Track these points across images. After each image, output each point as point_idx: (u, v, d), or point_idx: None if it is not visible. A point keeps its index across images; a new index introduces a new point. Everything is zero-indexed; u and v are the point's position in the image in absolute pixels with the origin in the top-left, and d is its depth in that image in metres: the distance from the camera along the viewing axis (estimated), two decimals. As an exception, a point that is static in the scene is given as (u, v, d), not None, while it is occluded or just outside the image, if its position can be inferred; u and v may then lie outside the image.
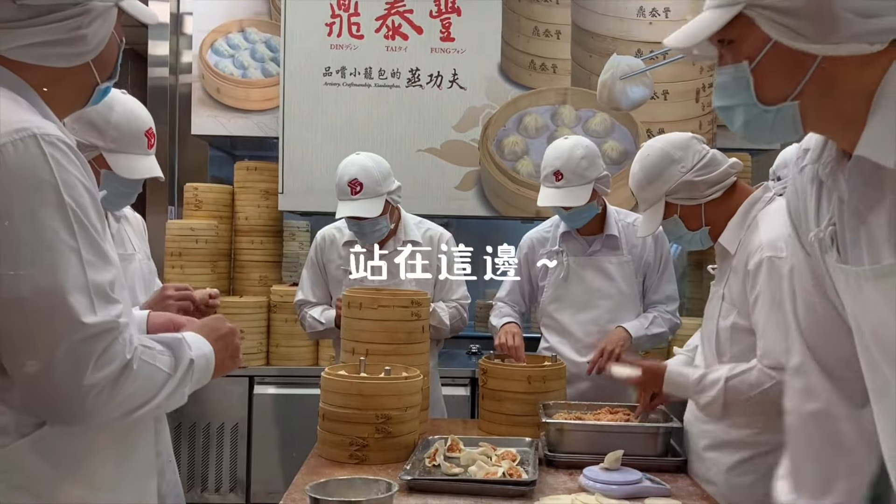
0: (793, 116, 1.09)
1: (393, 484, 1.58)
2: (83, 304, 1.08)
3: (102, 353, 1.09)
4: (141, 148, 2.14)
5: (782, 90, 1.08)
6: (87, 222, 1.12)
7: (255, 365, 4.04)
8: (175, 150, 4.88)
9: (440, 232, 3.07)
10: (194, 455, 4.00)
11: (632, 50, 4.13)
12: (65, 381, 1.07)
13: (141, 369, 1.16)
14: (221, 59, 4.45)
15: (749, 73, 1.09)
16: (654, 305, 2.81)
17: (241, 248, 4.31)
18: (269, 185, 4.27)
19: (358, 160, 2.88)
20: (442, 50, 4.22)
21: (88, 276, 1.10)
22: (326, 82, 4.19)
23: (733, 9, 1.09)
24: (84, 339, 1.07)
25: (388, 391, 2.09)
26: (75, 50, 1.21)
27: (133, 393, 1.15)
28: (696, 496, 1.85)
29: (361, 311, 2.35)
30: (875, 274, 1.08)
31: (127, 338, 1.14)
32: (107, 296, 1.12)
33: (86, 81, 1.27)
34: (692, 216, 2.06)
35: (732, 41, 1.11)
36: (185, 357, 1.27)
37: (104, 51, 1.26)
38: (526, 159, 4.22)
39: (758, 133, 1.14)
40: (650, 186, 2.08)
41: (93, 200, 1.15)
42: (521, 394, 2.38)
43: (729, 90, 1.13)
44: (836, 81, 1.05)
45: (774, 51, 1.07)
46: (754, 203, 2.00)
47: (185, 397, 1.29)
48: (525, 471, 1.89)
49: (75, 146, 1.16)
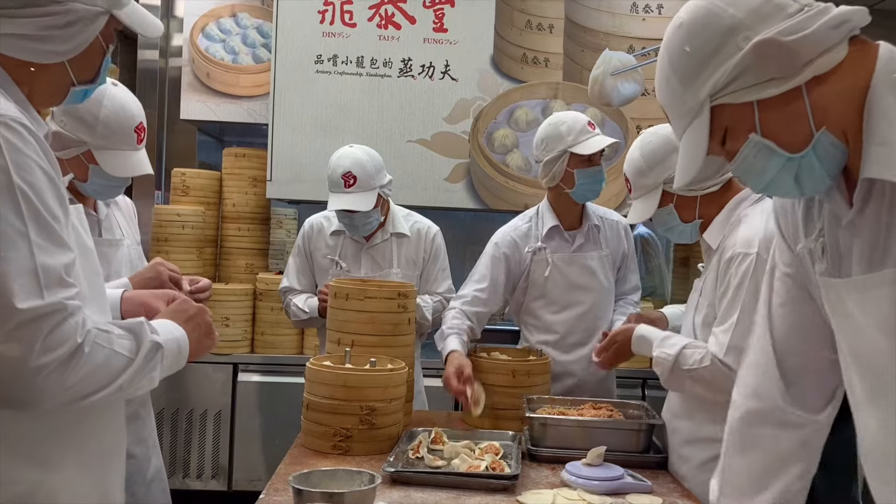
0: (830, 142, 1.07)
1: (376, 476, 1.59)
2: (26, 287, 1.07)
3: (49, 336, 1.08)
4: (130, 144, 2.11)
5: (802, 130, 1.07)
6: (39, 205, 1.11)
7: (240, 352, 4.03)
8: (163, 135, 4.84)
9: (428, 225, 3.07)
10: (177, 441, 3.99)
11: (624, 46, 4.14)
12: (10, 365, 1.07)
13: (94, 353, 1.15)
14: (212, 44, 4.42)
15: (763, 138, 1.09)
16: (623, 296, 2.82)
17: (227, 235, 4.30)
18: (257, 172, 4.26)
19: (352, 153, 2.86)
20: (435, 41, 4.21)
21: (37, 259, 1.09)
22: (318, 70, 4.17)
23: (704, 112, 1.11)
24: (23, 323, 1.06)
25: (373, 383, 2.09)
26: (48, 48, 1.20)
27: (86, 377, 1.14)
28: (676, 493, 1.87)
29: (348, 302, 2.34)
30: (857, 285, 1.09)
31: (79, 321, 1.13)
32: (59, 279, 1.11)
33: (61, 80, 1.26)
34: (687, 207, 2.06)
35: (725, 133, 1.12)
36: (146, 340, 1.26)
37: (85, 54, 1.25)
38: (516, 153, 4.22)
39: (812, 179, 1.11)
40: (650, 173, 2.07)
41: (50, 183, 1.14)
42: (506, 387, 2.39)
43: (760, 166, 1.11)
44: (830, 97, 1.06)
45: (764, 108, 1.08)
46: (741, 201, 2.01)
47: (155, 381, 1.29)
48: (508, 465, 1.89)
49: (36, 129, 1.15)
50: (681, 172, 1.18)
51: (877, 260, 1.06)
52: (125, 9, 1.30)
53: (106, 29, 1.28)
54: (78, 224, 1.30)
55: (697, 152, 1.13)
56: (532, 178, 4.18)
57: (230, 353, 3.99)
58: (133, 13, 1.32)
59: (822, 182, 1.11)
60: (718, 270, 1.94)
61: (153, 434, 2.42)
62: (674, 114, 1.17)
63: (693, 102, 1.12)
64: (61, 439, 1.23)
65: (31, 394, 1.10)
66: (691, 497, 1.85)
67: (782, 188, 1.14)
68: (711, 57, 1.08)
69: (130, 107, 2.10)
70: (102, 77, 1.33)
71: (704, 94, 1.10)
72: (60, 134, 2.03)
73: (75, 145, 2.05)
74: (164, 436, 3.90)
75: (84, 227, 1.35)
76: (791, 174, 1.10)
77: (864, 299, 1.08)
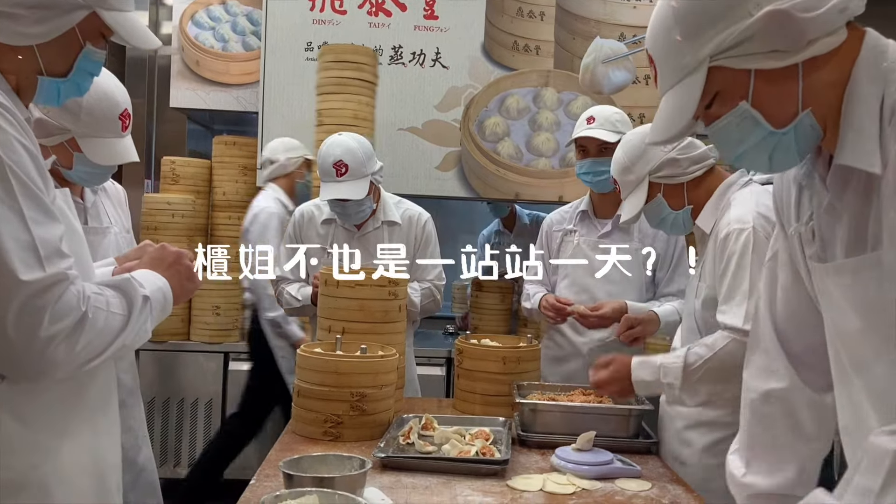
0: (811, 124, 1.08)
1: (366, 461, 1.59)
2: (27, 261, 1.09)
3: (55, 305, 1.11)
4: (114, 131, 2.08)
5: (790, 107, 1.08)
6: (27, 180, 1.12)
7: (231, 341, 4.03)
8: (153, 123, 4.82)
9: (419, 212, 3.06)
10: (168, 430, 3.99)
11: (615, 34, 4.14)
12: (21, 338, 1.09)
13: (97, 317, 1.18)
14: (202, 32, 4.40)
15: (752, 108, 1.09)
16: (665, 298, 2.77)
17: (217, 224, 4.28)
18: (247, 161, 4.24)
19: (342, 141, 2.84)
20: (425, 28, 4.19)
21: (34, 233, 1.11)
22: (308, 57, 4.15)
23: (700, 70, 1.09)
24: (32, 296, 1.09)
25: (363, 369, 2.09)
26: (15, 28, 1.19)
27: (92, 341, 1.17)
28: (665, 478, 1.88)
29: (338, 290, 2.34)
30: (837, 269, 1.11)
31: (80, 289, 1.16)
32: (57, 250, 1.14)
33: (29, 66, 1.25)
34: (675, 195, 2.08)
35: (715, 97, 1.11)
36: (138, 295, 1.29)
37: (58, 44, 1.24)
38: (507, 141, 4.22)
39: (785, 157, 1.12)
40: (634, 167, 2.10)
41: (33, 159, 1.15)
42: (496, 374, 2.39)
43: (739, 135, 1.11)
44: (820, 80, 1.07)
45: (760, 79, 1.07)
46: (730, 185, 2.03)
47: (148, 333, 1.33)
48: (498, 450, 1.90)
49: (16, 109, 1.15)
50: (661, 129, 1.16)
51: (855, 245, 1.08)
52: (112, 13, 1.27)
53: (87, 25, 1.26)
54: (65, 207, 1.30)
55: (684, 111, 1.12)
56: (523, 166, 4.18)
57: (221, 341, 3.98)
58: (124, 21, 1.30)
59: (792, 161, 1.13)
60: (715, 252, 1.95)
61: (142, 424, 2.42)
62: (665, 67, 1.15)
63: (691, 59, 1.10)
64: (55, 425, 1.24)
65: (42, 364, 1.12)
66: (680, 482, 1.86)
67: (754, 161, 1.15)
68: (721, 17, 1.07)
69: (114, 94, 2.08)
70: (79, 76, 1.31)
71: (705, 53, 1.09)
72: (44, 121, 2.01)
73: (59, 133, 2.03)
74: (154, 425, 3.90)
75: (72, 211, 1.35)
76: (767, 149, 1.11)
77: (843, 283, 1.10)
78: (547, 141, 4.20)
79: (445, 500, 1.64)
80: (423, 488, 1.71)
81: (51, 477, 1.22)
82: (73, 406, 1.28)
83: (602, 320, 2.55)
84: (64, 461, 1.25)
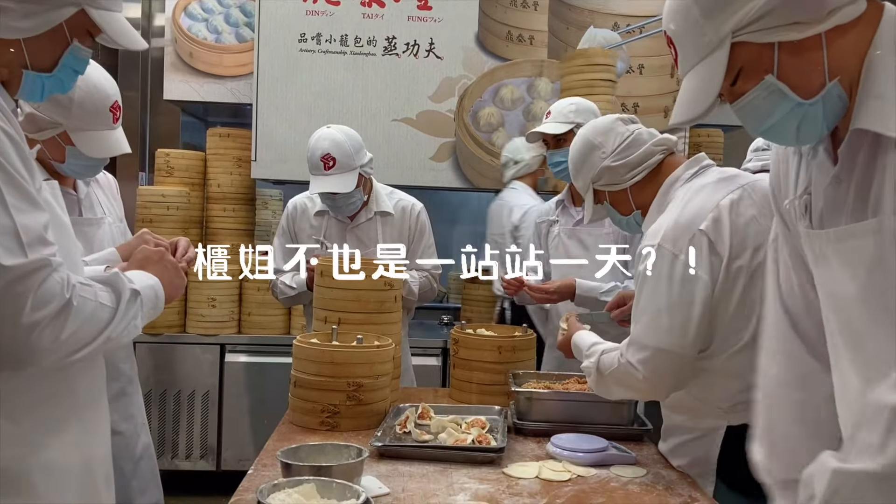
0: (838, 94, 1.08)
1: (363, 450, 1.60)
2: (8, 247, 1.09)
3: (37, 290, 1.10)
4: (106, 124, 2.08)
5: (816, 78, 1.08)
6: (9, 167, 1.12)
7: (227, 333, 4.03)
8: (147, 116, 4.81)
9: (412, 202, 3.07)
10: (165, 422, 4.00)
11: (609, 23, 4.14)
12: (3, 324, 1.09)
13: (82, 306, 1.17)
14: (195, 23, 4.38)
15: (778, 81, 1.09)
16: None
17: (212, 216, 4.28)
18: (241, 153, 4.24)
19: (329, 134, 2.84)
20: (419, 18, 4.18)
21: (16, 219, 1.10)
22: (301, 49, 4.14)
23: (723, 47, 1.09)
24: (13, 281, 1.08)
25: (359, 359, 2.10)
26: (3, 21, 1.19)
27: (77, 330, 1.17)
28: (660, 464, 1.89)
29: (334, 281, 2.35)
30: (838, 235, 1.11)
31: (63, 276, 1.15)
32: (39, 237, 1.13)
33: (14, 59, 1.24)
34: (621, 201, 2.01)
35: (739, 72, 1.11)
36: (126, 289, 1.29)
37: (44, 39, 1.24)
38: (502, 131, 4.22)
39: (813, 128, 1.11)
40: (578, 175, 2.06)
41: (14, 146, 1.14)
42: (492, 363, 2.41)
43: (767, 108, 1.11)
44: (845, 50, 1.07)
45: (784, 51, 1.08)
46: (674, 182, 1.91)
47: (138, 328, 1.33)
48: (494, 438, 1.91)
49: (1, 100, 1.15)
50: (685, 108, 1.16)
51: (857, 212, 1.08)
52: (100, 12, 1.28)
53: (75, 22, 1.26)
54: (52, 200, 1.29)
55: (710, 88, 1.12)
56: (518, 156, 4.19)
57: (217, 333, 3.99)
58: (112, 20, 1.30)
59: (820, 132, 1.12)
60: None
61: (141, 411, 2.43)
62: (687, 46, 1.15)
63: (713, 36, 1.10)
64: (42, 420, 1.24)
65: (27, 352, 1.12)
66: (675, 468, 1.87)
67: (782, 134, 1.14)
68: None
69: (104, 86, 2.07)
70: (64, 73, 1.30)
71: (728, 29, 1.09)
72: (34, 116, 2.01)
73: (50, 127, 2.02)
74: (152, 417, 3.91)
75: (59, 204, 1.34)
76: (795, 121, 1.11)
77: (843, 248, 1.10)
78: (541, 131, 4.21)
79: (442, 488, 1.65)
80: (420, 476, 1.72)
81: (35, 470, 1.23)
82: (60, 401, 1.28)
83: (548, 295, 2.70)
84: (50, 455, 1.25)
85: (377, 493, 1.58)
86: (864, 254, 1.07)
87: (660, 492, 1.70)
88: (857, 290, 1.09)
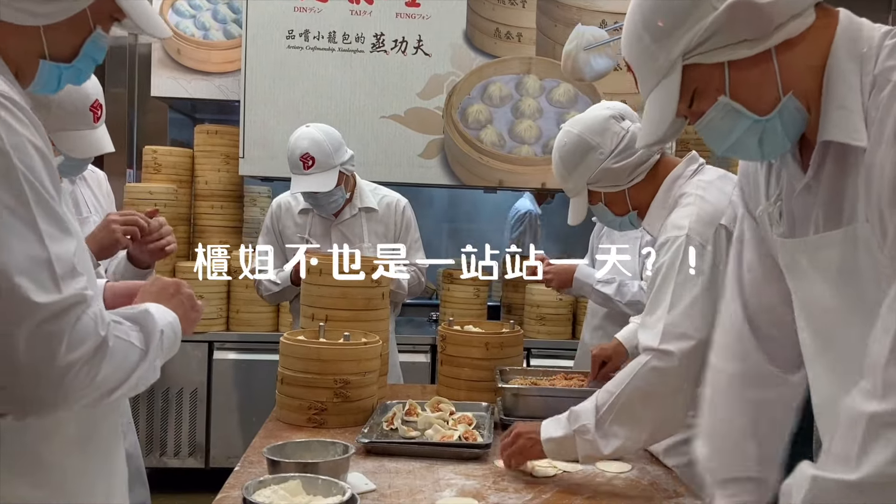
0: (795, 107, 1.09)
1: (350, 446, 1.61)
2: (41, 281, 0.97)
3: (73, 331, 0.99)
4: (87, 123, 2.05)
5: (770, 94, 1.09)
6: (41, 189, 1.00)
7: (215, 330, 4.03)
8: (134, 113, 4.79)
9: (396, 198, 3.08)
10: (153, 420, 3.99)
11: (596, 20, 4.14)
12: (36, 367, 0.97)
13: (116, 346, 1.06)
14: (182, 20, 4.36)
15: (732, 101, 1.10)
16: None
17: (200, 213, 4.27)
18: (229, 150, 4.23)
19: (308, 133, 2.83)
20: (407, 15, 4.18)
21: (50, 249, 0.99)
22: (289, 45, 4.13)
23: (675, 72, 1.11)
24: (47, 320, 0.97)
25: (346, 356, 2.10)
26: (21, 5, 1.08)
27: (111, 372, 1.06)
28: (645, 460, 1.91)
29: (321, 278, 2.35)
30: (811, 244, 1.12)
31: (97, 312, 1.04)
32: (71, 269, 1.01)
33: (32, 47, 1.13)
34: (617, 202, 1.99)
35: (694, 93, 1.12)
36: (156, 330, 1.18)
37: (65, 26, 1.13)
38: (490, 128, 4.22)
39: (774, 142, 1.12)
40: (570, 177, 1.99)
41: (45, 164, 1.03)
42: (479, 360, 2.41)
43: (726, 127, 1.12)
44: (797, 63, 1.08)
45: (735, 69, 1.09)
46: (675, 180, 1.90)
47: (158, 371, 1.21)
48: (481, 434, 1.93)
49: (24, 102, 1.05)
50: (647, 133, 1.18)
51: (830, 221, 1.09)
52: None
53: (99, 7, 1.15)
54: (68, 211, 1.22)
55: (666, 112, 1.14)
56: (506, 153, 4.19)
57: (205, 330, 3.98)
58: (137, 5, 1.20)
59: (783, 146, 1.13)
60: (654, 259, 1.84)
61: (127, 409, 2.42)
62: (643, 71, 1.17)
63: (665, 61, 1.12)
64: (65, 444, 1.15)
65: (59, 395, 1.00)
66: (660, 464, 1.89)
67: (745, 150, 1.16)
68: (686, 16, 1.08)
69: (85, 85, 2.03)
70: (83, 62, 1.19)
71: (677, 53, 1.10)
72: None
73: None
74: (140, 414, 3.90)
75: (71, 212, 1.22)
76: (755, 137, 1.12)
77: (817, 258, 1.12)
78: (529, 128, 4.21)
79: (428, 484, 1.66)
80: (407, 472, 1.73)
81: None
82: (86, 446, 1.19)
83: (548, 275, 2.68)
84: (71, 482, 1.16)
85: (363, 490, 1.58)
86: (838, 261, 1.08)
87: (644, 487, 1.72)
88: (832, 298, 1.10)
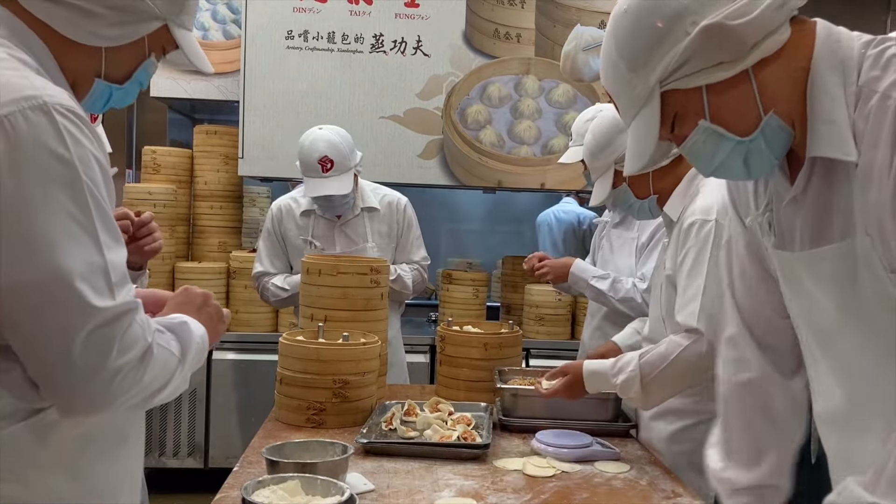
0: (778, 125, 1.08)
1: (348, 446, 1.61)
2: (99, 287, 1.02)
3: (123, 336, 1.04)
4: None
5: (751, 114, 1.08)
6: (102, 200, 1.05)
7: (214, 330, 4.02)
8: (133, 113, 4.79)
9: (397, 197, 3.08)
10: (152, 420, 3.99)
11: (595, 21, 4.15)
12: (89, 368, 1.02)
13: (159, 354, 1.11)
14: (181, 20, 4.36)
15: (712, 124, 1.09)
16: None
17: (200, 214, 4.27)
18: (229, 150, 4.23)
19: (324, 136, 2.81)
20: (406, 16, 4.18)
21: (107, 257, 1.04)
22: (288, 46, 4.14)
23: (653, 98, 1.10)
24: (102, 324, 1.02)
25: (345, 356, 2.10)
26: (90, 26, 1.14)
27: (153, 378, 1.11)
28: (643, 460, 1.91)
29: (320, 278, 2.35)
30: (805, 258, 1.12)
31: (144, 319, 1.09)
32: (123, 276, 1.07)
33: (90, 66, 1.19)
34: (641, 184, 2.05)
35: (675, 118, 1.12)
36: (192, 341, 1.22)
37: (124, 50, 1.20)
38: (489, 129, 4.23)
39: (760, 162, 1.12)
40: (601, 154, 2.10)
41: (104, 175, 1.08)
42: (478, 360, 2.42)
43: (709, 150, 1.12)
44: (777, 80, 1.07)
45: (713, 93, 1.08)
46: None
47: (188, 381, 1.24)
48: (479, 434, 1.93)
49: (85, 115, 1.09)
50: (632, 159, 1.17)
51: (819, 236, 1.09)
52: (181, 30, 1.25)
53: (156, 37, 1.23)
54: None
55: (649, 139, 1.13)
56: (505, 154, 4.20)
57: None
58: (189, 40, 1.27)
59: (769, 165, 1.13)
60: (679, 240, 1.93)
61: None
62: (622, 100, 1.16)
63: (642, 88, 1.11)
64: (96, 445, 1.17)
65: (107, 396, 1.05)
66: (658, 464, 1.89)
67: (731, 171, 1.15)
68: (660, 42, 1.07)
69: None
70: (132, 86, 1.27)
71: (654, 80, 1.09)
72: None
73: None
74: (139, 415, 3.90)
75: None
76: (740, 158, 1.11)
77: (815, 271, 1.11)
78: (528, 129, 4.22)
79: (427, 484, 1.66)
80: (405, 473, 1.73)
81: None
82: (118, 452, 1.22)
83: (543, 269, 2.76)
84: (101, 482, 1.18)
85: (362, 490, 1.59)
86: (836, 275, 1.07)
87: (643, 487, 1.72)
88: (833, 310, 1.10)
